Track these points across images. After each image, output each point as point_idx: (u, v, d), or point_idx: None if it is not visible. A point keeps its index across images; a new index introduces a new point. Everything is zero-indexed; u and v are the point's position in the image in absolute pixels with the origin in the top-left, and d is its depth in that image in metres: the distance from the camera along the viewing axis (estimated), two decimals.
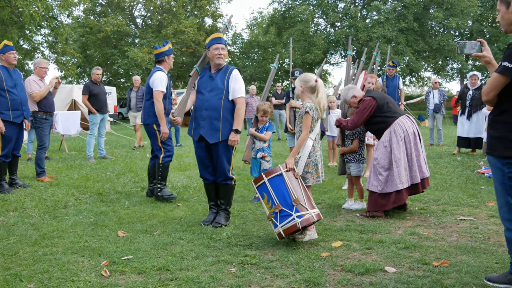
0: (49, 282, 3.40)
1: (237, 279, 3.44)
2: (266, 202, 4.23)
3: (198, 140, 4.97)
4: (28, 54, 26.87)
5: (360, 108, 5.33)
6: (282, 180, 4.20)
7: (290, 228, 4.08)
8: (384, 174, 5.16)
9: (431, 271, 3.51)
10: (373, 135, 8.00)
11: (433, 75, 35.34)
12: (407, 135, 5.18)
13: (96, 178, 7.85)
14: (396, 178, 5.09)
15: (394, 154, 5.12)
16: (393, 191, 5.12)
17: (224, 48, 4.88)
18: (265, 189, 4.23)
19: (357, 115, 5.34)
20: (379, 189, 5.16)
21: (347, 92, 5.58)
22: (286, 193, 4.15)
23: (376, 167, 5.20)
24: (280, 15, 34.77)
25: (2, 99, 6.62)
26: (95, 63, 33.51)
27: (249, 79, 38.44)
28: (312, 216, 4.14)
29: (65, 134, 12.74)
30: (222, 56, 4.87)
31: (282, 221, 4.11)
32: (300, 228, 4.08)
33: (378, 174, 5.18)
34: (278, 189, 4.17)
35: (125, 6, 34.87)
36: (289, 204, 4.12)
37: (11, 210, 5.67)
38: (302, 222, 4.07)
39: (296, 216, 4.07)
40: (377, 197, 5.18)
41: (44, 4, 20.99)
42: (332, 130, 8.82)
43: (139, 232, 4.69)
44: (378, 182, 5.18)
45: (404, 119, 5.27)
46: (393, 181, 5.11)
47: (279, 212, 4.12)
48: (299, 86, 4.50)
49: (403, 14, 30.73)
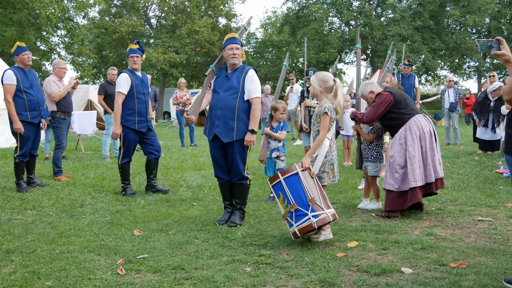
0: (66, 280, 3.43)
1: (252, 279, 3.44)
2: (281, 201, 4.22)
3: (212, 140, 4.98)
4: (45, 55, 27.18)
5: (376, 102, 5.26)
6: (298, 179, 4.18)
7: (305, 227, 4.07)
8: (400, 172, 5.12)
9: (448, 272, 3.46)
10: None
11: (450, 74, 34.98)
12: (422, 134, 5.14)
13: (112, 178, 7.90)
14: (410, 176, 5.06)
15: (409, 152, 5.09)
16: (408, 189, 5.09)
17: (239, 48, 4.89)
18: (281, 188, 4.21)
19: (373, 108, 5.27)
20: (395, 187, 5.13)
21: (364, 88, 5.52)
22: (302, 193, 4.14)
23: (392, 165, 5.16)
24: (294, 14, 34.68)
25: (19, 100, 6.69)
26: (111, 64, 33.78)
27: (264, 78, 38.43)
28: (328, 216, 4.12)
29: (82, 133, 12.88)
30: (237, 56, 4.87)
31: (297, 221, 4.10)
32: (316, 227, 4.06)
33: (394, 172, 5.15)
34: (294, 188, 4.16)
35: (140, 7, 35.08)
36: (305, 204, 4.10)
37: (29, 208, 5.74)
38: (317, 222, 4.05)
39: (312, 216, 4.06)
40: (394, 196, 5.14)
41: (61, 6, 21.23)
42: (347, 130, 8.77)
43: (155, 231, 4.71)
44: (394, 181, 5.14)
45: (420, 117, 5.23)
46: (408, 179, 5.08)
47: (295, 211, 4.11)
48: (317, 86, 4.48)
49: (419, 12, 30.42)
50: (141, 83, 6.49)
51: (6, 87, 6.61)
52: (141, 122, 6.43)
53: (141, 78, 6.53)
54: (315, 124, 4.52)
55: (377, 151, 5.69)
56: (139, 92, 6.42)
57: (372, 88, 5.47)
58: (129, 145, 6.50)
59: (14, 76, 6.65)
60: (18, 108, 6.68)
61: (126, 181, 6.62)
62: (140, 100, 6.44)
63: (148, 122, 6.57)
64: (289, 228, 4.20)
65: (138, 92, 6.42)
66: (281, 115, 6.05)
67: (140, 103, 6.43)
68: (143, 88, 6.50)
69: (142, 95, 6.45)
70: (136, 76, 6.48)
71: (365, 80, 8.27)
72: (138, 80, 6.46)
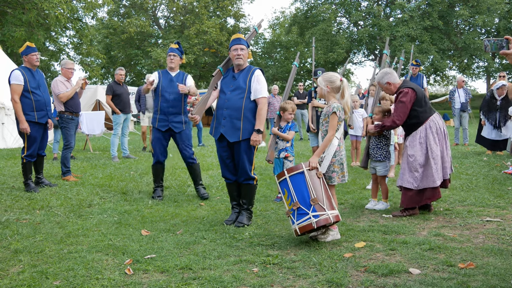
0: (74, 280, 3.45)
1: (259, 279, 3.44)
2: (286, 198, 4.26)
3: (219, 140, 4.99)
4: (54, 56, 27.38)
5: (404, 102, 5.14)
6: (303, 178, 4.19)
7: (305, 227, 4.08)
8: (420, 170, 5.13)
9: (456, 273, 3.44)
10: (401, 134, 7.93)
11: (458, 74, 34.77)
12: (440, 133, 5.20)
13: (120, 178, 7.94)
14: (434, 174, 5.09)
15: (432, 151, 5.11)
16: (428, 187, 5.12)
17: (244, 48, 4.89)
18: (286, 185, 4.24)
19: (402, 109, 5.14)
20: (414, 186, 5.14)
21: (383, 76, 5.38)
22: (306, 192, 4.14)
23: (412, 164, 5.15)
24: (302, 15, 34.66)
25: (26, 100, 6.71)
26: (119, 64, 33.96)
27: (271, 79, 38.43)
28: (329, 217, 4.11)
29: (90, 134, 12.93)
30: (241, 56, 4.88)
31: (298, 219, 4.12)
32: (315, 227, 4.06)
33: (414, 171, 5.14)
34: (298, 186, 4.18)
35: (148, 7, 35.23)
36: (307, 203, 4.11)
37: (38, 208, 5.78)
38: (317, 222, 4.05)
39: (313, 216, 4.06)
40: (413, 194, 5.15)
41: (69, 6, 21.38)
42: (356, 130, 8.75)
43: (162, 231, 4.72)
44: (414, 179, 5.14)
45: (437, 116, 5.29)
46: (431, 177, 5.10)
47: (297, 209, 4.13)
48: (324, 86, 4.47)
49: (428, 12, 30.28)
50: (169, 82, 6.28)
51: (13, 87, 6.64)
52: (162, 121, 6.25)
53: (170, 77, 6.31)
54: (323, 124, 4.51)
55: (385, 151, 5.67)
56: (164, 91, 6.26)
57: (390, 79, 5.33)
58: (155, 145, 6.40)
59: (21, 77, 6.67)
60: (25, 108, 6.70)
61: (156, 182, 6.50)
62: (164, 98, 6.25)
63: (171, 122, 6.25)
64: (291, 225, 4.23)
65: (163, 90, 6.27)
66: (289, 116, 6.05)
67: (163, 101, 6.25)
68: (171, 87, 6.25)
69: (167, 93, 6.24)
70: (166, 75, 6.33)
71: (373, 80, 8.25)
72: (166, 79, 6.30)
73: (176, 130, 6.29)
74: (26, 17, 20.67)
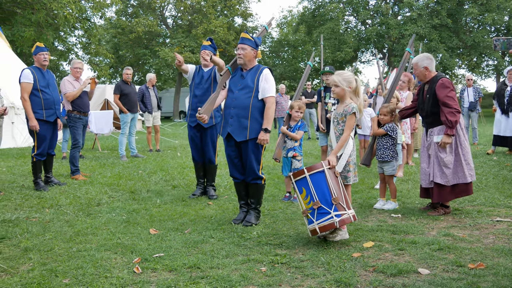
0: (83, 278, 3.47)
1: (267, 278, 3.43)
2: (303, 197, 4.20)
3: (227, 139, 4.98)
4: (63, 55, 27.56)
5: (453, 90, 5.13)
6: (324, 177, 4.16)
7: (327, 226, 4.06)
8: (451, 166, 5.12)
9: (466, 273, 3.42)
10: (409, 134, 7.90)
11: (467, 73, 34.55)
12: (464, 128, 5.26)
13: (128, 177, 7.97)
14: (466, 170, 5.11)
15: (463, 147, 5.14)
16: (461, 183, 5.13)
17: (246, 48, 4.85)
18: (305, 184, 4.19)
19: (452, 97, 5.10)
20: (445, 181, 5.12)
21: (423, 59, 5.29)
22: (327, 191, 4.12)
23: (443, 160, 5.12)
24: (310, 13, 34.57)
25: (35, 99, 6.83)
26: (127, 63, 34.11)
27: (279, 78, 38.40)
28: (349, 216, 4.12)
29: (98, 133, 12.99)
30: (241, 56, 4.87)
31: (319, 218, 4.08)
32: (337, 226, 4.05)
33: (445, 166, 5.12)
34: (319, 185, 4.14)
35: (156, 7, 35.30)
36: (329, 202, 4.09)
37: (47, 207, 5.81)
38: (340, 221, 4.04)
39: (335, 215, 4.05)
40: (446, 190, 5.15)
41: (78, 6, 21.50)
42: (364, 129, 8.72)
43: (170, 230, 4.73)
44: (445, 175, 5.12)
45: None
46: (462, 173, 5.11)
47: (317, 209, 4.10)
48: (346, 87, 4.45)
49: (436, 10, 30.09)
50: (200, 79, 6.26)
51: (23, 85, 6.77)
52: (192, 116, 6.23)
53: (202, 74, 6.28)
54: (339, 123, 4.50)
55: (392, 151, 5.65)
56: (195, 87, 6.26)
57: (429, 65, 5.27)
58: (190, 143, 6.43)
59: (31, 75, 6.80)
60: (34, 106, 6.82)
61: (197, 180, 6.56)
62: (194, 94, 6.26)
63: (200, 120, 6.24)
64: (307, 224, 4.18)
65: (195, 88, 6.28)
66: (296, 113, 6.03)
67: (193, 96, 6.27)
68: (200, 84, 6.23)
69: (197, 89, 6.23)
70: (199, 72, 6.32)
71: (381, 78, 8.21)
72: (199, 76, 6.29)
73: (205, 125, 6.23)
74: (35, 17, 20.82)
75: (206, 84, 6.22)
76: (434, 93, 5.15)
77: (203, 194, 6.46)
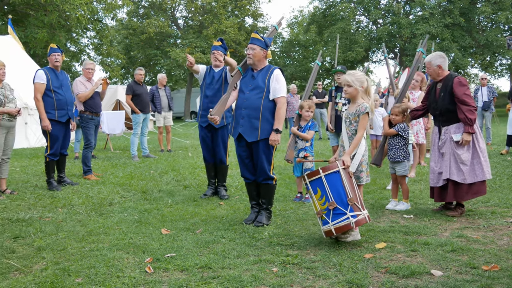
0: (96, 277, 3.49)
1: (278, 279, 3.43)
2: (318, 198, 4.17)
3: (238, 139, 4.98)
4: (75, 56, 27.78)
5: (468, 89, 5.14)
6: (339, 177, 4.14)
7: (343, 227, 4.03)
8: (468, 163, 5.09)
9: (480, 275, 3.38)
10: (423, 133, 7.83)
11: (480, 72, 34.21)
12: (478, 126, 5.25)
13: (140, 177, 8.00)
14: (484, 168, 5.09)
15: (480, 146, 5.13)
16: (477, 181, 5.10)
17: (255, 48, 4.84)
18: (320, 185, 4.16)
19: (469, 95, 5.11)
20: (462, 178, 5.08)
21: (436, 58, 5.27)
22: (342, 191, 4.10)
23: (460, 156, 5.08)
24: (321, 13, 34.46)
25: (48, 99, 6.91)
26: (139, 64, 34.25)
27: (290, 78, 38.34)
28: (365, 217, 4.11)
29: (110, 133, 13.07)
30: (251, 55, 4.86)
31: (334, 219, 4.06)
32: (353, 227, 4.03)
33: (462, 163, 5.08)
34: (334, 186, 4.11)
35: (167, 8, 35.44)
36: (344, 203, 4.07)
37: (60, 207, 5.86)
38: (356, 222, 4.03)
39: (351, 216, 4.03)
40: (462, 189, 5.11)
41: (90, 8, 21.66)
42: (376, 129, 8.67)
43: (182, 230, 4.74)
44: (462, 172, 5.08)
45: None
46: (480, 170, 5.08)
47: (333, 209, 4.08)
48: (359, 87, 4.45)
49: (449, 9, 29.83)
50: (211, 80, 6.24)
51: (36, 86, 6.87)
52: (203, 117, 6.21)
53: (213, 74, 6.26)
54: (352, 123, 4.49)
55: (404, 151, 5.62)
56: (206, 87, 6.25)
57: (443, 64, 5.26)
58: (201, 143, 6.44)
59: (44, 76, 6.90)
60: (47, 106, 6.90)
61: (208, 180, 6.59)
62: (205, 94, 6.26)
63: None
64: (322, 225, 4.16)
65: (206, 88, 6.27)
66: (306, 113, 6.01)
67: (204, 97, 6.26)
68: (211, 84, 6.22)
69: (208, 90, 6.21)
70: (210, 72, 6.30)
71: (393, 78, 8.16)
72: (210, 77, 6.27)
73: (216, 126, 6.17)
74: (48, 19, 21.02)
75: (217, 84, 6.21)
76: (450, 91, 5.12)
77: (214, 194, 6.47)
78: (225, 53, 6.27)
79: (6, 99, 6.39)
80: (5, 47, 14.08)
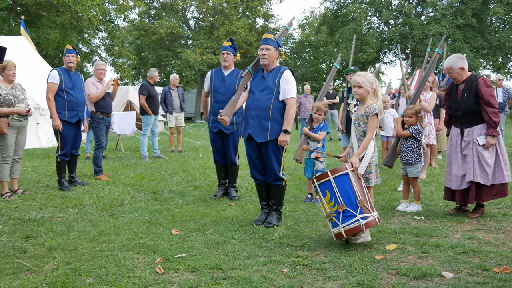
0: (106, 277, 3.51)
1: (289, 280, 3.42)
2: (327, 200, 4.16)
3: (248, 140, 4.99)
4: (87, 57, 27.97)
5: (491, 91, 5.11)
6: (348, 179, 4.13)
7: (353, 229, 4.02)
8: (493, 165, 5.07)
9: (491, 277, 3.35)
10: (434, 135, 7.78)
11: (492, 73, 33.91)
12: None
13: (151, 177, 8.03)
14: (504, 170, 5.08)
15: (501, 147, 5.13)
16: (497, 183, 5.08)
17: (270, 48, 4.83)
18: (329, 187, 4.15)
19: (494, 97, 5.11)
20: (485, 181, 5.06)
21: (457, 60, 5.22)
22: (351, 193, 4.09)
23: (485, 159, 5.05)
24: (332, 14, 34.38)
25: (60, 99, 6.96)
26: (150, 65, 34.38)
27: (301, 79, 38.28)
28: (375, 218, 4.09)
29: (121, 134, 13.14)
30: (266, 56, 4.84)
31: (344, 221, 4.05)
32: (364, 229, 4.02)
33: (487, 165, 5.05)
34: (343, 188, 4.10)
35: (178, 9, 35.56)
36: (354, 205, 4.05)
37: (71, 207, 5.90)
38: (366, 224, 4.01)
39: (361, 218, 4.01)
40: (484, 190, 5.09)
41: (102, 9, 21.80)
42: (387, 131, 8.64)
43: (192, 231, 4.75)
44: (487, 174, 5.06)
45: None
46: (500, 173, 5.08)
47: (343, 212, 4.07)
48: (369, 88, 4.44)
49: (461, 10, 29.61)
50: (221, 83, 6.17)
51: (49, 85, 6.94)
52: (214, 122, 6.19)
53: (223, 77, 6.19)
54: (360, 125, 4.47)
55: (417, 153, 5.59)
56: (216, 91, 6.18)
57: (465, 66, 5.22)
58: (212, 145, 6.45)
59: (57, 76, 6.96)
60: (58, 106, 6.95)
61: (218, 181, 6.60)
62: (215, 99, 6.19)
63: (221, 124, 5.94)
64: (332, 228, 4.15)
65: (215, 91, 6.21)
66: (314, 115, 6.00)
67: (215, 101, 6.18)
68: (222, 88, 6.14)
69: (218, 94, 6.15)
70: (219, 75, 6.23)
71: (404, 78, 8.11)
72: (218, 79, 6.19)
73: (226, 131, 6.22)
74: (60, 20, 21.20)
75: (226, 86, 6.18)
76: (476, 92, 5.09)
77: (225, 195, 6.48)
78: (235, 53, 6.27)
79: (17, 99, 6.44)
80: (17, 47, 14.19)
